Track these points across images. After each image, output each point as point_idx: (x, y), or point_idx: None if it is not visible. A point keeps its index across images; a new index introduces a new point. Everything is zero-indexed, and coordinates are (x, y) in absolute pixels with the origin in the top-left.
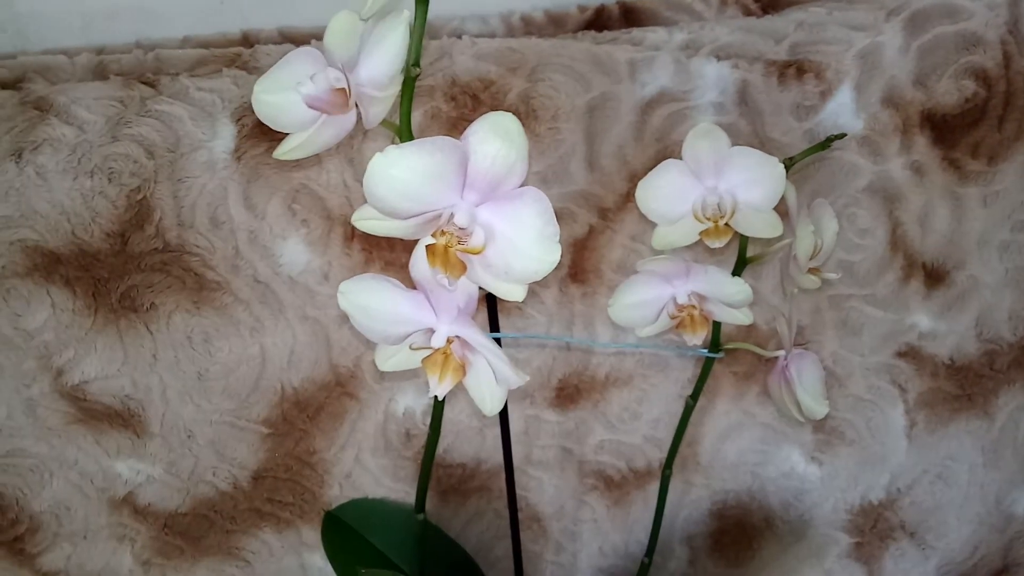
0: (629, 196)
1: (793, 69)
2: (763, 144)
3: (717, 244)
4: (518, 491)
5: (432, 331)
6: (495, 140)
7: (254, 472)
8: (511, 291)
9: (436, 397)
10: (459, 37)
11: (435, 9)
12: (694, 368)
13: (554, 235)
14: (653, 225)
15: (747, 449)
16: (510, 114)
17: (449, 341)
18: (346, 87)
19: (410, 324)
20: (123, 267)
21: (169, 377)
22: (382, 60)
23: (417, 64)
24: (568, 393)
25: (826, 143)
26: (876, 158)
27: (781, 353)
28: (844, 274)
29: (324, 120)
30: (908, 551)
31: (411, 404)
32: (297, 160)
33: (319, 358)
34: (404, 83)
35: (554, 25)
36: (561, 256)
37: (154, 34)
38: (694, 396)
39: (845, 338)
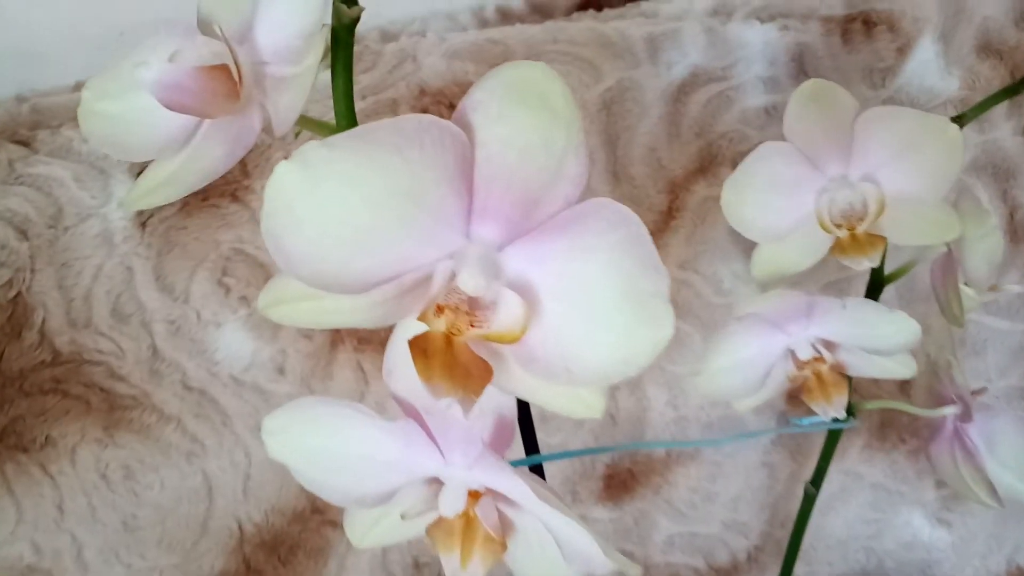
0: (672, 212)
1: (858, 23)
2: None
3: (865, 263)
4: None
5: (438, 482)
6: (521, 113)
7: None
8: (578, 401)
9: None
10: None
11: (391, 11)
12: None
13: (657, 290)
14: (740, 245)
15: (856, 520)
16: (540, 64)
17: (472, 497)
18: (232, 63)
19: (396, 473)
20: (1, 393)
21: (83, 533)
22: (290, 9)
23: (355, 1)
24: (620, 480)
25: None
26: (980, 125)
27: (950, 411)
28: None
29: (205, 130)
30: None
31: None
32: (223, 217)
33: (284, 480)
34: (334, 40)
35: (538, 14)
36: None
37: (40, 83)
38: (815, 482)
39: (965, 360)
